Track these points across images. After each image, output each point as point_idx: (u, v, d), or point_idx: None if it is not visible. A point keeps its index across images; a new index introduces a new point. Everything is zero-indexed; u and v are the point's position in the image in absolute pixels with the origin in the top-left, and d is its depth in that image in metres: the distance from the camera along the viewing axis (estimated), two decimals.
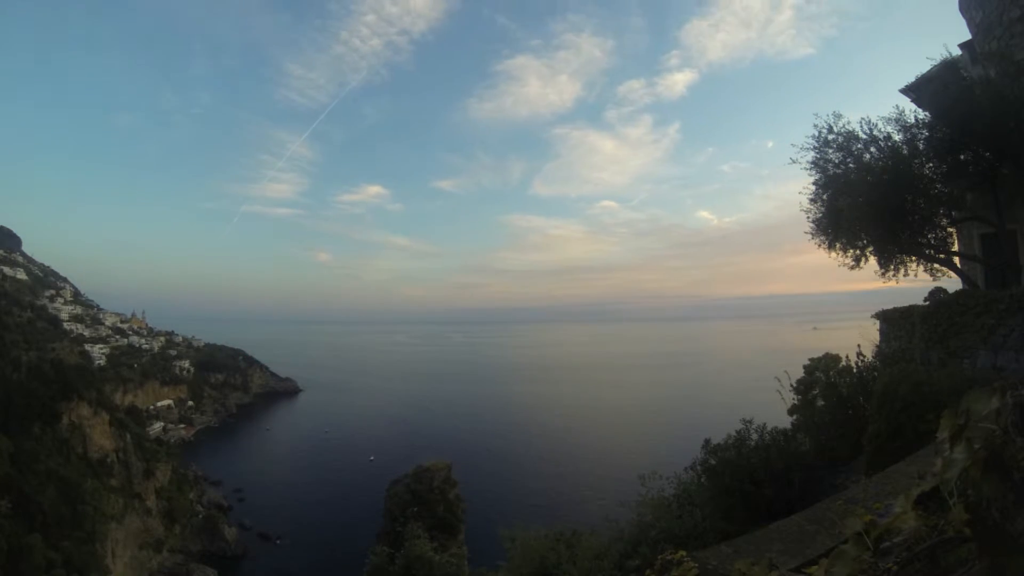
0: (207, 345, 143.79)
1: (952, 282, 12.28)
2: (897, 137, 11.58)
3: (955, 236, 13.23)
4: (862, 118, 12.01)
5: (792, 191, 13.47)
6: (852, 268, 12.93)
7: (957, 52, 13.11)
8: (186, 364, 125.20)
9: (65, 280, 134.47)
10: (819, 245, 13.23)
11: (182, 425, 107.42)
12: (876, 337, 11.32)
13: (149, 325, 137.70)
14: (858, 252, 12.71)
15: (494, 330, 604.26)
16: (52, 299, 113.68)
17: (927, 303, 10.59)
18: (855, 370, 9.80)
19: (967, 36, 12.82)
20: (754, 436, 8.56)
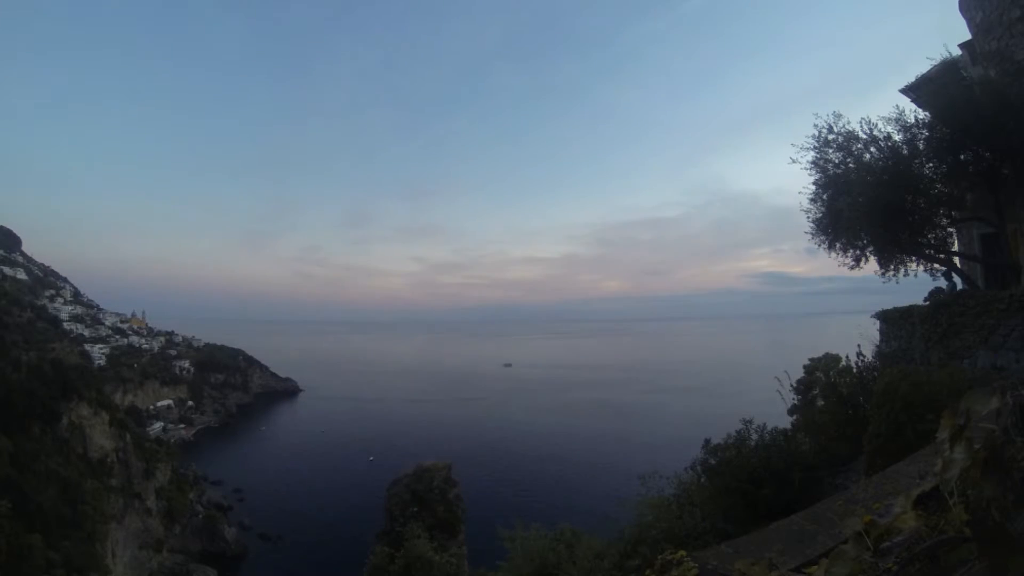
0: (207, 345, 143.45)
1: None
2: (897, 137, 11.58)
3: (955, 236, 13.24)
4: (862, 118, 12.04)
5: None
6: (852, 268, 12.95)
7: (957, 52, 13.11)
8: (186, 364, 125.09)
9: (65, 280, 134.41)
10: (819, 245, 13.23)
11: (182, 425, 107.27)
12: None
13: (149, 325, 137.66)
14: (858, 252, 12.72)
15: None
16: (52, 299, 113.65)
17: (927, 303, 10.60)
18: (855, 370, 9.82)
19: (967, 36, 12.81)
20: (754, 436, 8.59)
